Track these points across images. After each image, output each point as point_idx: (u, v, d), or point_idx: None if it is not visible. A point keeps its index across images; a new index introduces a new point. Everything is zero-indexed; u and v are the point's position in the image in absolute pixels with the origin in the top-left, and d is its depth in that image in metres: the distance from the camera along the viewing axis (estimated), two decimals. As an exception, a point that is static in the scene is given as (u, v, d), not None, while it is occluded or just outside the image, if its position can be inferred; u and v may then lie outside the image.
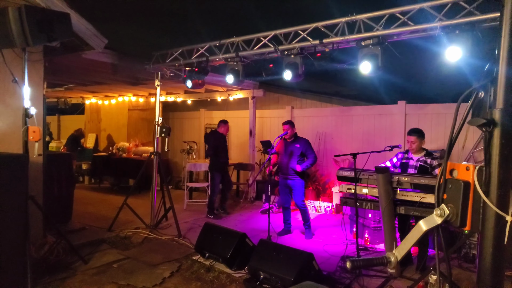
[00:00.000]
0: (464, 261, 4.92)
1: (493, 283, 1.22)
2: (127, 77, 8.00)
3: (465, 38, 3.74)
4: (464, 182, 1.30)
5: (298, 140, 6.05)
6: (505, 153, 1.23)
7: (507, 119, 1.22)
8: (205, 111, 11.22)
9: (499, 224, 1.23)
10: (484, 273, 1.24)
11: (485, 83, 1.28)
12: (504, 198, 1.23)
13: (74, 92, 10.62)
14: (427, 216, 3.91)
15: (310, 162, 5.96)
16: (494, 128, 1.23)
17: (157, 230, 6.23)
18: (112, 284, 4.21)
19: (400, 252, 1.41)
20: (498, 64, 1.24)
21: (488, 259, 1.24)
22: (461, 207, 1.28)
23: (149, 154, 6.52)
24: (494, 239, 1.23)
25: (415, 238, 1.41)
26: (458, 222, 1.29)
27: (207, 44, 5.74)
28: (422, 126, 6.85)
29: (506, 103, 1.23)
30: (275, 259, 4.10)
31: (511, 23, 1.19)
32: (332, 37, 4.60)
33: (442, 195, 1.35)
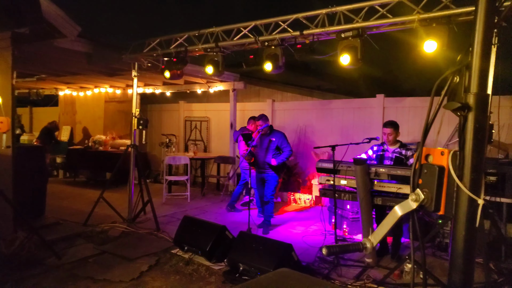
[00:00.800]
0: (437, 249, 5.05)
1: (465, 266, 1.23)
2: (103, 68, 7.79)
3: (442, 31, 3.80)
4: (439, 167, 1.31)
5: (274, 133, 6.02)
6: (478, 137, 1.24)
7: (481, 104, 1.24)
8: (185, 103, 11.10)
9: (471, 208, 1.24)
10: (456, 256, 1.26)
11: (460, 68, 1.29)
12: (477, 182, 1.25)
13: (47, 83, 10.31)
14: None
15: (286, 155, 5.93)
16: (469, 112, 1.24)
17: (135, 224, 6.14)
18: (87, 280, 4.11)
19: (376, 238, 1.42)
20: (473, 49, 1.25)
21: (460, 242, 1.26)
22: (436, 191, 1.29)
23: (126, 147, 6.40)
24: (466, 222, 1.25)
25: (391, 224, 1.41)
26: (433, 206, 1.30)
27: (186, 34, 5.64)
28: (399, 119, 6.96)
29: (481, 88, 1.24)
30: (255, 251, 4.10)
31: (486, 3, 1.20)
32: (312, 28, 4.59)
33: (417, 180, 1.36)
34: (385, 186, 4.40)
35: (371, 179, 4.41)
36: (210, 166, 9.82)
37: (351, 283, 4.04)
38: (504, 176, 4.73)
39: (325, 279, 4.12)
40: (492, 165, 4.75)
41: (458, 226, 1.26)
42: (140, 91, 10.14)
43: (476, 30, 1.25)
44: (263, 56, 5.00)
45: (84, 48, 5.95)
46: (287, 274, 1.27)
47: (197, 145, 10.57)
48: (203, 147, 10.60)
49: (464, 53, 1.31)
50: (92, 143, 10.20)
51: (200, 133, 10.72)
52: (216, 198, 8.41)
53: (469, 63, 1.26)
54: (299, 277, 1.24)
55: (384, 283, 4.00)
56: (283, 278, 1.21)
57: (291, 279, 1.22)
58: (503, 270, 4.21)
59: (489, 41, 1.25)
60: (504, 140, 6.06)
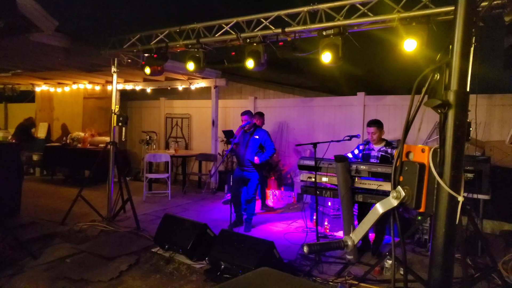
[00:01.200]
0: (417, 245, 5.14)
1: (445, 262, 1.24)
2: (82, 63, 7.60)
3: (421, 30, 3.85)
4: (419, 164, 1.32)
5: (257, 131, 5.99)
6: (458, 134, 1.25)
7: (461, 101, 1.25)
8: (166, 100, 10.96)
9: (451, 205, 1.25)
10: (436, 253, 1.27)
11: (441, 66, 1.30)
12: (456, 179, 1.26)
13: (23, 78, 10.00)
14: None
15: (269, 154, 5.88)
16: (449, 109, 1.25)
17: (114, 222, 6.03)
18: (64, 280, 4.01)
19: (357, 235, 1.42)
20: (453, 47, 1.26)
21: (441, 239, 1.27)
22: (417, 189, 1.30)
23: (105, 144, 6.28)
24: (446, 219, 1.26)
25: (372, 221, 1.42)
26: (414, 203, 1.30)
27: (166, 30, 5.57)
28: (380, 117, 7.03)
29: (460, 85, 1.25)
30: (236, 249, 4.08)
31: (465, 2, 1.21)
32: (294, 26, 4.59)
33: (398, 177, 1.37)
34: (366, 183, 4.44)
35: (352, 176, 4.44)
36: (191, 164, 9.74)
37: (333, 280, 4.06)
38: (481, 173, 4.85)
39: (306, 276, 4.14)
40: (470, 162, 4.86)
41: (438, 223, 1.27)
42: (120, 87, 9.96)
43: (456, 28, 1.26)
44: (245, 53, 4.98)
45: (62, 43, 5.80)
46: (267, 273, 1.25)
47: (178, 142, 10.47)
48: (184, 144, 10.50)
49: (444, 51, 1.32)
50: (71, 140, 9.98)
51: (182, 130, 10.62)
52: (197, 196, 8.35)
53: (449, 61, 1.26)
54: (279, 276, 1.23)
55: (365, 280, 4.05)
56: (263, 277, 1.20)
57: (271, 278, 1.20)
58: (480, 265, 4.32)
59: (469, 39, 1.26)
60: (481, 138, 6.21)
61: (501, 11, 3.39)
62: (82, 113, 11.12)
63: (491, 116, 6.32)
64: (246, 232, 5.84)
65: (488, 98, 6.29)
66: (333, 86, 9.78)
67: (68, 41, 5.86)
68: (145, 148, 9.90)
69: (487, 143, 6.22)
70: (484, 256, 4.50)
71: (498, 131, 6.26)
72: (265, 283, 1.16)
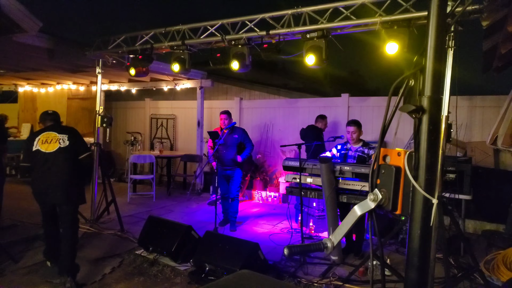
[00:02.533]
0: (401, 246, 5.20)
1: (421, 263, 1.28)
2: (66, 64, 7.51)
3: (403, 33, 3.92)
4: (395, 167, 1.35)
5: (235, 130, 6.06)
6: (432, 138, 1.29)
7: (435, 106, 1.28)
8: (151, 100, 10.89)
9: (426, 207, 1.28)
10: (412, 254, 1.30)
11: (415, 72, 1.34)
12: (431, 182, 1.29)
13: (5, 78, 9.85)
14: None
15: (249, 151, 6.03)
16: (423, 114, 1.28)
17: (97, 224, 5.97)
18: (46, 284, 3.96)
19: (336, 237, 1.44)
20: (427, 53, 1.30)
21: (416, 240, 1.30)
22: (393, 191, 1.33)
23: (89, 145, 6.21)
24: (421, 221, 1.29)
25: (351, 223, 1.44)
26: (390, 206, 1.34)
27: (151, 31, 5.55)
28: (364, 118, 7.13)
29: (434, 91, 1.29)
30: (221, 251, 4.08)
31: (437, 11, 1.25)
32: (278, 28, 4.62)
33: (375, 180, 1.40)
34: (349, 184, 4.49)
35: (336, 177, 4.49)
36: (176, 165, 9.69)
37: (317, 281, 4.09)
38: (463, 173, 4.95)
39: (291, 278, 4.16)
40: (451, 163, 4.95)
41: (413, 225, 1.30)
42: (104, 88, 9.86)
43: (429, 35, 1.29)
44: (230, 54, 5.00)
45: (46, 43, 5.73)
46: (247, 276, 1.27)
47: (163, 143, 10.41)
48: (169, 145, 10.45)
49: (419, 57, 1.36)
50: (53, 141, 9.81)
51: (167, 131, 10.55)
52: (182, 197, 8.32)
53: (423, 66, 1.30)
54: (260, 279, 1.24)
55: (349, 280, 4.09)
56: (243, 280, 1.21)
57: (251, 281, 1.22)
58: (462, 265, 4.39)
59: (442, 45, 1.30)
60: (462, 139, 6.33)
61: (478, 16, 3.47)
62: (66, 114, 10.96)
63: (472, 118, 6.45)
64: (232, 231, 5.88)
65: (469, 100, 6.42)
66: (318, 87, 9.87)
67: (52, 41, 5.79)
68: (129, 149, 9.80)
69: (468, 144, 6.35)
70: (466, 256, 4.58)
71: (479, 132, 6.40)
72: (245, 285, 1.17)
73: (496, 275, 4.15)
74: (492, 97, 6.36)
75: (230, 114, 6.13)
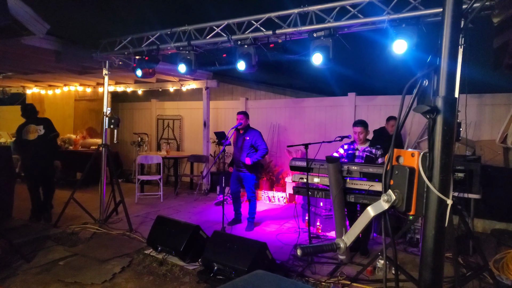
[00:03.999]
0: (409, 245, 5.19)
1: (435, 263, 1.27)
2: (73, 66, 7.57)
3: (411, 31, 3.89)
4: (409, 168, 1.34)
5: (249, 132, 6.02)
6: (446, 139, 1.28)
7: (449, 107, 1.28)
8: (157, 101, 10.93)
9: (440, 208, 1.28)
10: (426, 254, 1.30)
11: (429, 72, 1.33)
12: (445, 183, 1.29)
13: (14, 80, 9.92)
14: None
15: (261, 154, 5.92)
16: (437, 115, 1.28)
17: (106, 225, 6.01)
18: (58, 283, 4.00)
19: (349, 238, 1.44)
20: (441, 53, 1.29)
21: (431, 241, 1.30)
22: (407, 192, 1.33)
23: (97, 147, 6.26)
24: (436, 222, 1.29)
25: (364, 224, 1.44)
26: (404, 207, 1.33)
27: (157, 32, 5.56)
28: (371, 117, 7.11)
29: (449, 91, 1.28)
30: (229, 250, 4.09)
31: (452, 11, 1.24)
32: (284, 28, 4.61)
33: (389, 181, 1.39)
34: (357, 184, 4.47)
35: (343, 177, 4.48)
36: (183, 165, 9.72)
37: (325, 280, 4.09)
38: (472, 172, 4.90)
39: (299, 277, 4.16)
40: (460, 162, 4.91)
41: (428, 226, 1.30)
42: (111, 89, 9.92)
43: (444, 35, 1.28)
44: (236, 55, 5.00)
45: (53, 46, 5.78)
46: (262, 276, 1.27)
47: (170, 143, 10.45)
48: (176, 145, 10.48)
49: (433, 56, 1.35)
50: (62, 142, 9.90)
51: (173, 132, 10.59)
52: (189, 198, 8.34)
53: (437, 66, 1.29)
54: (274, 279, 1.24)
55: (357, 280, 4.09)
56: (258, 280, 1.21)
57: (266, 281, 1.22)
58: (471, 264, 4.37)
59: (456, 45, 1.29)
60: (471, 138, 6.29)
61: (489, 12, 3.44)
62: (74, 116, 11.03)
63: (481, 116, 6.40)
64: (248, 231, 5.92)
65: (479, 98, 6.37)
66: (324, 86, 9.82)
67: (59, 44, 5.84)
68: (136, 149, 9.85)
69: (477, 143, 6.30)
70: (476, 255, 4.55)
71: (489, 130, 6.35)
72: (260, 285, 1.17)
73: (506, 274, 4.12)
74: (502, 95, 6.30)
75: (247, 115, 6.09)
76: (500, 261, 4.40)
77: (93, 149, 8.98)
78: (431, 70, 1.31)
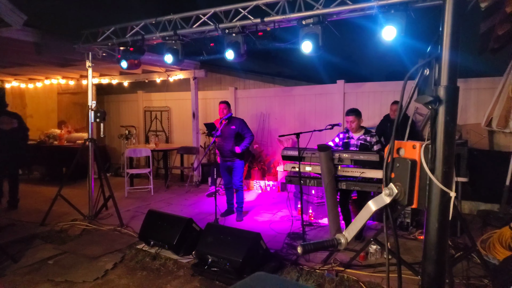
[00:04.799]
0: (399, 229, 5.24)
1: (438, 256, 1.26)
2: (54, 58, 7.35)
3: (400, 17, 3.86)
4: (411, 160, 1.31)
5: (233, 121, 5.99)
6: (449, 129, 1.25)
7: (451, 96, 1.25)
8: (143, 93, 10.76)
9: (444, 201, 1.26)
10: (430, 248, 1.28)
11: (430, 60, 1.29)
12: (448, 175, 1.26)
13: (-9, 74, 9.64)
14: (367, 190, 4.07)
15: (248, 141, 5.94)
16: (439, 105, 1.25)
17: (96, 220, 5.93)
18: (48, 282, 3.93)
19: (350, 233, 1.42)
20: (442, 41, 1.25)
21: (434, 234, 1.28)
22: (409, 185, 1.30)
23: (84, 141, 6.13)
24: (439, 215, 1.26)
25: (365, 219, 1.42)
26: (406, 200, 1.31)
27: (142, 22, 5.42)
28: (360, 104, 7.11)
29: (450, 80, 1.25)
30: (223, 242, 4.07)
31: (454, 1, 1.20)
32: (273, 15, 4.53)
33: (390, 174, 1.36)
34: (348, 171, 4.49)
35: (335, 164, 4.48)
36: (173, 157, 9.64)
37: (319, 268, 4.11)
38: (459, 156, 4.96)
39: (293, 265, 4.17)
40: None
41: (431, 219, 1.28)
42: (95, 81, 9.71)
43: (445, 22, 1.24)
44: (225, 44, 4.91)
45: (32, 37, 5.58)
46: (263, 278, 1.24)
47: (159, 136, 10.33)
48: (164, 138, 10.37)
49: (433, 44, 1.31)
50: (46, 137, 9.70)
51: (161, 124, 10.46)
52: (180, 190, 8.29)
53: (438, 55, 1.26)
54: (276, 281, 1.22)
55: (351, 266, 4.12)
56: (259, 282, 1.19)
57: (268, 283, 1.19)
58: (459, 245, 4.44)
59: (458, 33, 1.25)
60: (458, 122, 6.31)
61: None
62: (57, 109, 10.80)
63: (467, 100, 6.45)
64: (239, 221, 5.92)
65: (464, 82, 6.41)
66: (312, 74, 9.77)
67: (38, 35, 5.64)
68: (124, 143, 9.71)
69: (463, 127, 6.36)
70: (463, 236, 4.62)
71: (474, 114, 6.41)
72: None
73: (493, 253, 4.22)
74: (487, 79, 6.35)
75: (229, 104, 6.06)
76: (487, 241, 4.49)
77: (79, 144, 8.83)
78: (433, 58, 1.27)
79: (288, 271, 4.06)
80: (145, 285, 3.89)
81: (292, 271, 4.05)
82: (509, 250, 4.10)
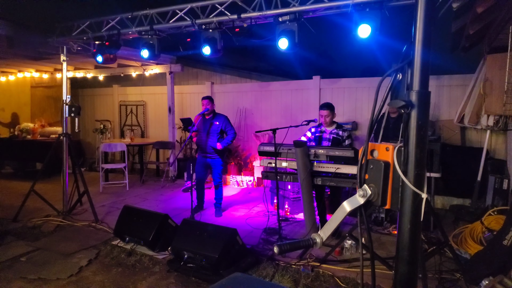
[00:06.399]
0: (374, 224, 5.36)
1: (411, 257, 1.31)
2: (27, 51, 7.14)
3: (375, 15, 3.94)
4: (384, 162, 1.36)
5: (217, 117, 5.96)
6: (421, 133, 1.30)
7: (423, 101, 1.29)
8: (119, 87, 10.55)
9: (415, 202, 1.31)
10: (402, 248, 1.33)
11: (403, 65, 1.34)
12: (420, 177, 1.31)
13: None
14: (342, 185, 4.15)
15: (230, 138, 5.92)
16: (412, 109, 1.29)
17: (71, 216, 5.82)
18: (21, 280, 3.84)
19: (326, 233, 1.46)
20: (414, 46, 1.29)
21: (406, 235, 1.33)
22: (382, 186, 1.35)
23: (58, 136, 5.99)
24: (411, 216, 1.31)
25: (340, 219, 1.46)
26: (380, 201, 1.35)
27: (118, 16, 5.32)
28: (335, 100, 7.20)
29: (422, 85, 1.29)
30: (199, 238, 4.07)
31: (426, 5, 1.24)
32: (250, 12, 4.54)
33: (364, 175, 1.41)
34: (324, 167, 4.56)
35: (310, 160, 4.55)
36: (148, 152, 9.53)
37: (295, 263, 4.16)
38: (432, 152, 5.11)
39: (269, 261, 4.21)
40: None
41: (403, 219, 1.33)
42: (70, 75, 9.45)
43: (417, 27, 1.28)
44: (201, 39, 4.88)
45: (3, 31, 5.40)
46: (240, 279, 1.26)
47: (134, 130, 10.18)
48: (140, 132, 10.22)
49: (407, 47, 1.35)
50: (19, 131, 9.41)
51: (137, 118, 10.30)
52: (156, 185, 8.21)
53: (411, 61, 1.30)
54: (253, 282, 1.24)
55: (326, 261, 4.19)
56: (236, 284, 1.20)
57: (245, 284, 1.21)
58: (433, 239, 4.59)
59: (429, 37, 1.29)
60: (431, 118, 6.52)
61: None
62: (30, 103, 10.47)
63: (439, 97, 6.63)
64: (217, 217, 5.92)
65: (437, 80, 6.59)
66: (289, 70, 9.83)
67: (10, 28, 5.46)
68: (99, 137, 9.53)
69: (436, 123, 6.55)
70: (436, 231, 4.77)
71: (447, 110, 6.59)
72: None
73: (464, 248, 4.37)
74: (459, 76, 6.54)
75: (213, 100, 6.02)
76: (459, 236, 4.65)
77: (53, 138, 8.60)
78: (405, 63, 1.31)
79: (264, 266, 4.10)
80: (120, 281, 3.86)
81: (268, 266, 4.09)
82: (480, 245, 4.22)
